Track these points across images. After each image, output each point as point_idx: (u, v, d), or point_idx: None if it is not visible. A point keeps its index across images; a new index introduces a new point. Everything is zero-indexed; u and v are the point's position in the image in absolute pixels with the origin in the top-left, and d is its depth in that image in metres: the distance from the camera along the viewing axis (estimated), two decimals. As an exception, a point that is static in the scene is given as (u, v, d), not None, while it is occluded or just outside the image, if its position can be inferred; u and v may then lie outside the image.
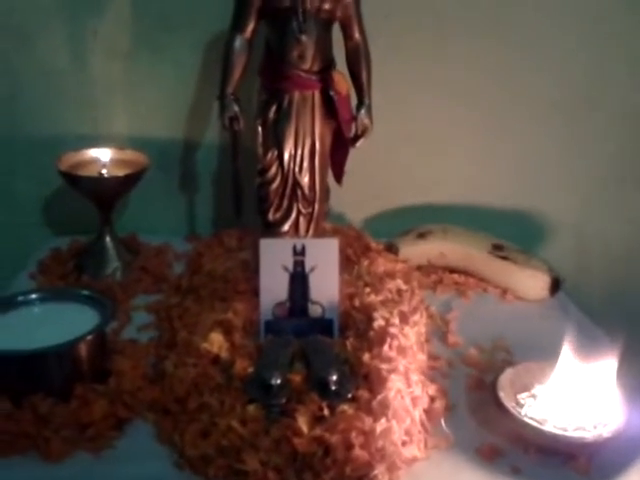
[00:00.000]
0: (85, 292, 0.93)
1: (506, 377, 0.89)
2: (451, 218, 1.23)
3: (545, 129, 1.26)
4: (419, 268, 1.19)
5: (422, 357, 0.94)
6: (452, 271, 1.19)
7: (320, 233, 1.09)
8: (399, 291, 1.07)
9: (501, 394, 0.85)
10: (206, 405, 0.83)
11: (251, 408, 0.80)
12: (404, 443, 0.80)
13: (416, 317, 0.99)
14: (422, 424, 0.84)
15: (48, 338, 0.84)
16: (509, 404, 0.84)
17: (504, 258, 1.15)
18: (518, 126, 1.26)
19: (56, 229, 1.31)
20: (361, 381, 0.86)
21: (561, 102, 1.24)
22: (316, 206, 1.06)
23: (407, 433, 0.81)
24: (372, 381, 0.85)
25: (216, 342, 0.89)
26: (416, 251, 1.20)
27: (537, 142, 1.27)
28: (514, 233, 1.21)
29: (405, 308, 1.01)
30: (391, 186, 1.29)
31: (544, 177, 1.29)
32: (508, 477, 0.79)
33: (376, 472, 0.77)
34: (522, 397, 0.87)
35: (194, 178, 1.29)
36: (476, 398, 0.91)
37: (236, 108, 1.02)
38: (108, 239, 1.16)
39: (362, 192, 1.26)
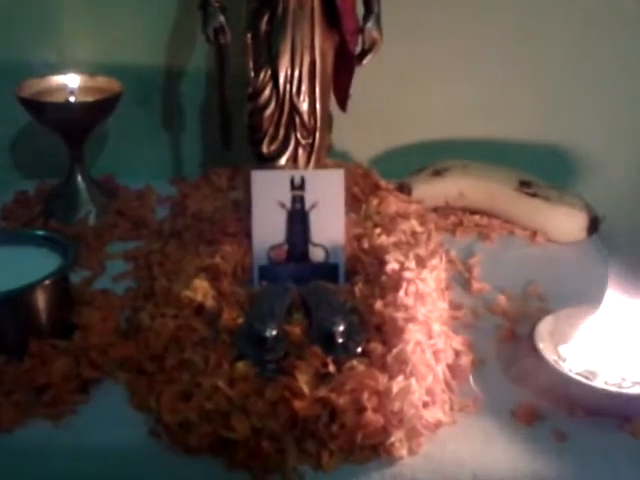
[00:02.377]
0: (42, 233, 0.79)
1: (545, 326, 0.75)
2: (471, 155, 1.08)
3: (576, 52, 1.10)
4: (435, 210, 1.05)
5: (443, 305, 0.80)
6: (473, 212, 1.05)
7: (321, 168, 0.94)
8: (414, 233, 0.93)
9: (540, 346, 0.72)
10: (187, 362, 0.69)
11: (241, 365, 0.67)
12: (425, 405, 0.67)
13: (434, 261, 0.85)
14: (446, 382, 0.71)
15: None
16: (550, 357, 0.70)
17: (533, 195, 1.01)
18: (546, 50, 1.10)
19: (22, 172, 1.16)
20: (372, 332, 0.72)
21: (597, 18, 1.08)
22: (317, 136, 0.91)
23: (429, 393, 0.68)
24: (386, 332, 0.71)
25: (200, 289, 0.76)
26: (432, 190, 1.05)
27: (567, 68, 1.11)
28: (541, 171, 1.06)
29: (422, 251, 0.86)
30: (402, 118, 1.13)
31: (575, 108, 1.13)
32: (551, 444, 0.66)
33: (393, 439, 0.63)
34: (564, 349, 0.73)
35: (178, 113, 1.14)
36: (508, 352, 0.77)
37: (222, 18, 0.87)
38: (79, 179, 1.02)
39: (368, 126, 1.12)
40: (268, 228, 0.83)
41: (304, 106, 0.89)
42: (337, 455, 0.63)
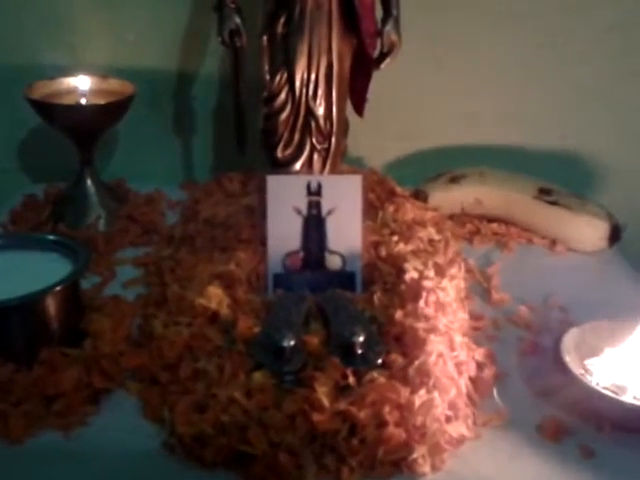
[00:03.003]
0: (53, 238, 0.77)
1: (570, 339, 0.72)
2: (488, 162, 1.06)
3: (597, 57, 1.08)
4: (452, 217, 1.02)
5: (463, 316, 0.77)
6: (490, 220, 1.03)
7: (337, 174, 0.92)
8: (431, 241, 0.90)
9: (567, 359, 0.69)
10: (202, 373, 0.67)
11: (258, 376, 0.64)
12: (448, 419, 0.65)
13: (453, 270, 0.83)
14: (469, 396, 0.68)
15: (8, 291, 0.68)
16: (577, 371, 0.68)
17: (554, 203, 0.98)
18: (566, 53, 1.08)
19: (32, 175, 1.15)
20: (392, 343, 0.70)
21: (619, 25, 1.06)
22: (333, 141, 0.89)
23: (452, 407, 0.65)
24: (406, 343, 0.69)
25: (214, 297, 0.73)
26: (448, 198, 1.03)
27: (586, 76, 1.09)
28: (560, 179, 1.04)
29: (440, 259, 0.84)
30: (419, 124, 1.11)
31: (594, 115, 1.11)
32: (578, 460, 0.64)
33: (415, 455, 0.61)
34: (590, 363, 0.71)
35: (190, 116, 1.13)
36: (532, 364, 0.75)
37: (237, 20, 0.85)
38: (89, 183, 0.99)
39: (384, 131, 1.10)
40: (283, 235, 0.81)
41: (320, 110, 0.87)
42: (357, 471, 0.61)
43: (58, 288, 0.70)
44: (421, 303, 0.73)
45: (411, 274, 0.78)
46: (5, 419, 0.64)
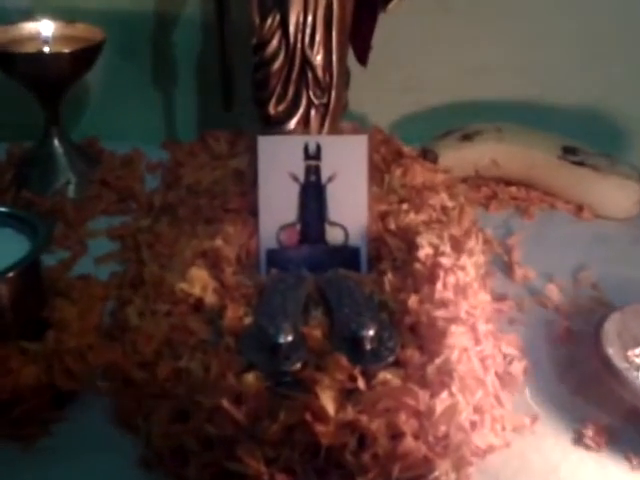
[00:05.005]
0: (6, 210, 0.66)
1: (611, 326, 0.62)
2: (505, 117, 0.94)
3: (619, 3, 0.96)
4: (464, 180, 0.91)
5: (485, 297, 0.67)
6: (508, 183, 0.92)
7: (337, 133, 0.81)
8: (444, 208, 0.80)
9: (610, 351, 0.60)
10: (183, 372, 0.57)
11: (249, 378, 0.54)
12: (474, 425, 0.55)
13: (471, 243, 0.73)
14: (496, 395, 0.59)
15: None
16: (621, 365, 0.58)
17: (580, 164, 0.88)
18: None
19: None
20: (406, 334, 0.60)
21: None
22: (332, 94, 0.78)
23: (477, 410, 0.56)
24: (424, 335, 0.59)
25: (198, 281, 0.63)
26: (461, 158, 0.92)
27: (612, 18, 0.97)
28: (585, 136, 0.93)
29: (456, 231, 0.74)
30: (428, 75, 0.99)
31: (624, 63, 0.99)
32: (625, 472, 0.54)
33: (437, 473, 0.51)
34: (635, 353, 0.61)
35: (170, 66, 1.00)
36: (565, 354, 0.65)
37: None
38: (57, 143, 0.88)
39: (389, 83, 0.99)
40: (277, 205, 0.71)
41: (318, 59, 0.76)
42: (369, 492, 0.51)
43: (11, 274, 0.59)
44: (438, 286, 0.63)
45: (425, 250, 0.67)
46: (-49, 430, 0.54)
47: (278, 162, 0.70)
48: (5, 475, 0.54)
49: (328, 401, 0.52)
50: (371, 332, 0.56)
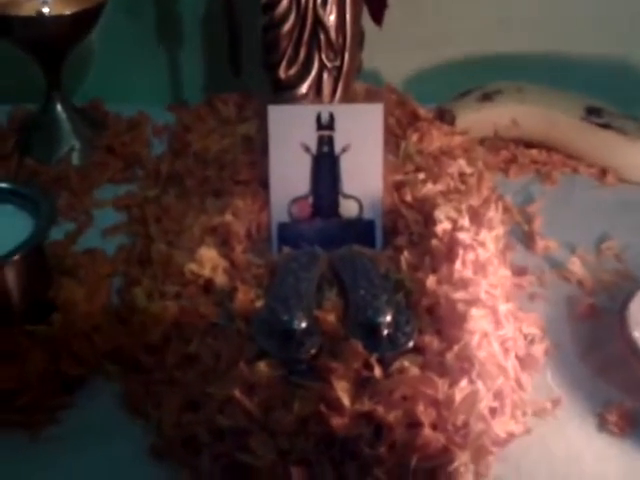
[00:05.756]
0: (7, 186, 0.64)
1: (636, 306, 0.60)
2: (526, 76, 0.90)
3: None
4: (482, 142, 0.88)
5: (505, 273, 0.65)
6: (529, 145, 0.88)
7: (351, 96, 0.77)
8: (462, 175, 0.76)
9: (636, 334, 0.57)
10: (193, 359, 0.55)
11: (262, 366, 0.52)
12: (494, 412, 0.53)
13: (490, 213, 0.70)
14: (517, 379, 0.57)
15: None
16: (648, 349, 0.56)
17: (604, 126, 0.84)
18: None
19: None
20: (424, 318, 0.58)
21: None
22: (346, 57, 0.74)
23: (498, 396, 0.54)
24: (442, 319, 0.57)
25: (208, 261, 0.61)
26: (479, 119, 0.88)
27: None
28: (610, 95, 0.88)
29: (474, 200, 0.71)
30: (444, 29, 0.94)
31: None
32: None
33: (456, 464, 0.50)
34: (663, 335, 0.59)
35: (176, 25, 0.95)
36: (588, 333, 0.63)
37: None
38: (59, 109, 0.85)
39: (403, 39, 0.93)
40: (289, 177, 0.68)
41: (330, 19, 0.72)
42: (385, 483, 0.50)
43: (16, 257, 0.57)
44: (457, 265, 0.60)
45: (443, 225, 0.64)
46: (-41, 420, 0.53)
47: (289, 132, 0.67)
48: (13, 464, 0.53)
49: (343, 392, 0.50)
50: (388, 318, 0.54)
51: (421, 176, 0.73)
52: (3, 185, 0.64)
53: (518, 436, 0.54)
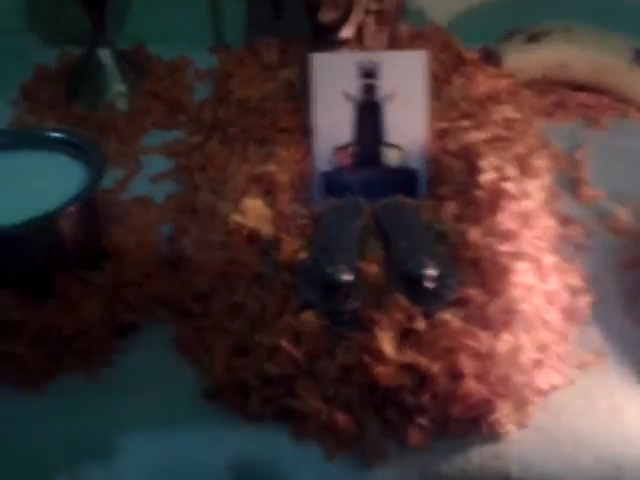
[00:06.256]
0: (60, 135, 0.65)
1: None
2: (575, 16, 0.87)
3: None
4: (530, 85, 0.86)
5: (551, 223, 0.64)
6: (577, 88, 0.86)
7: (394, 40, 0.76)
8: (508, 122, 0.75)
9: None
10: (240, 308, 0.57)
11: (307, 316, 0.54)
12: (536, 364, 0.54)
13: (537, 161, 0.69)
14: (561, 333, 0.57)
15: (11, 208, 0.58)
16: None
17: (653, 69, 0.81)
18: None
19: (42, 38, 0.99)
20: (467, 270, 0.58)
21: None
22: (388, -1, 0.72)
23: (541, 349, 0.54)
24: (486, 271, 0.57)
25: (252, 211, 0.61)
26: (526, 61, 0.86)
27: None
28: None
29: (520, 149, 0.70)
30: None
31: None
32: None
33: (497, 415, 0.51)
34: None
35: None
36: (633, 284, 0.63)
37: None
38: (105, 53, 0.86)
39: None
40: (332, 125, 0.67)
41: (373, -40, 0.70)
42: (428, 430, 0.51)
43: (71, 209, 0.58)
44: (501, 217, 0.60)
45: (488, 175, 0.64)
46: (20, 363, 0.56)
47: (332, 81, 0.66)
48: (71, 405, 0.55)
49: (386, 342, 0.52)
50: (430, 271, 0.54)
51: (466, 123, 0.72)
52: (56, 135, 0.65)
53: (560, 388, 0.54)
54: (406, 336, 0.53)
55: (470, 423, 0.52)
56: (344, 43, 0.74)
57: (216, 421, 0.53)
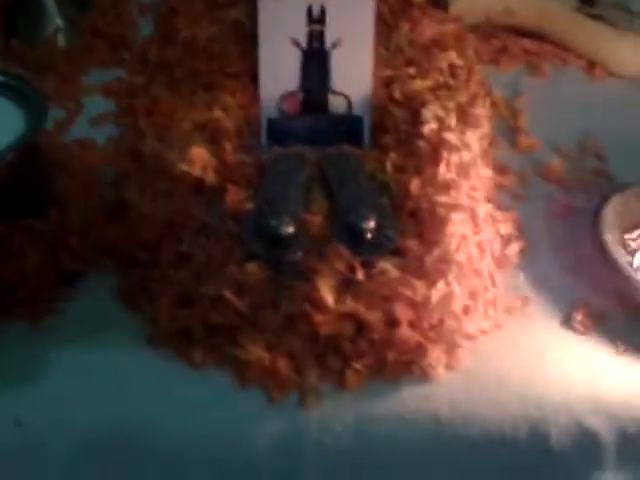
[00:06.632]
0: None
1: (610, 210, 0.63)
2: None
3: None
4: (474, 29, 0.86)
5: (487, 173, 0.67)
6: (521, 34, 0.87)
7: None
8: (452, 68, 0.76)
9: (607, 237, 0.60)
10: (186, 258, 0.58)
11: (251, 268, 0.55)
12: (466, 310, 0.57)
13: (478, 110, 0.70)
14: (491, 277, 0.60)
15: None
16: (618, 254, 0.59)
17: (595, 17, 0.83)
18: None
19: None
20: (407, 221, 0.60)
21: None
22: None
23: (471, 295, 0.58)
24: (424, 222, 0.59)
25: (198, 160, 0.61)
26: (473, 4, 0.87)
27: None
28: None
29: (463, 97, 0.71)
30: None
31: None
32: (611, 356, 0.57)
33: (429, 359, 0.54)
34: (632, 239, 0.62)
35: None
36: (563, 232, 0.66)
37: None
38: (42, -14, 0.83)
39: None
40: (279, 72, 0.68)
41: None
42: (363, 374, 0.54)
43: (10, 156, 0.58)
44: (442, 167, 0.62)
45: (430, 125, 0.65)
46: (-37, 311, 0.56)
47: (279, 26, 0.66)
48: (16, 354, 0.56)
49: (327, 292, 0.54)
50: (371, 223, 0.56)
51: (411, 71, 0.73)
52: (-4, 77, 0.64)
53: (488, 332, 0.58)
54: (347, 285, 0.55)
55: (404, 367, 0.55)
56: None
57: (160, 368, 0.55)
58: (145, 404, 0.54)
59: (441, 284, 0.55)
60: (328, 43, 0.67)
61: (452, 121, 0.66)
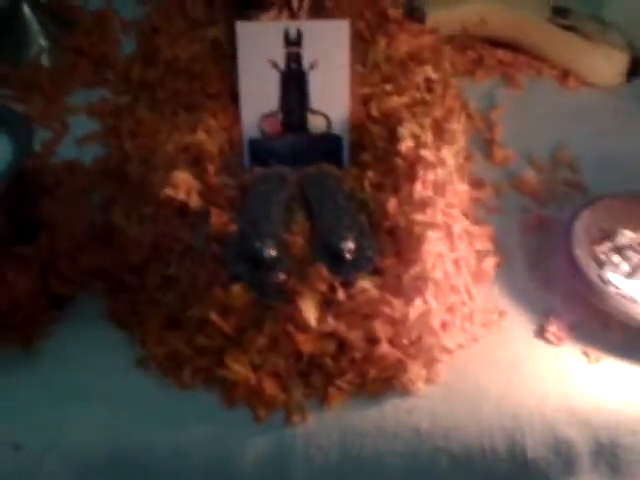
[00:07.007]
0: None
1: (580, 224, 0.65)
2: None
3: None
4: (450, 40, 0.88)
5: (463, 188, 0.69)
6: (496, 44, 0.89)
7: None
8: (428, 83, 0.78)
9: (577, 253, 0.62)
10: (172, 281, 0.60)
11: (236, 290, 0.57)
12: (444, 325, 0.59)
13: (453, 125, 0.72)
14: (468, 292, 0.62)
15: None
16: (588, 268, 0.62)
17: (569, 28, 0.85)
18: None
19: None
20: (385, 239, 0.62)
21: None
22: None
23: (448, 311, 0.60)
24: (401, 241, 0.61)
25: (182, 184, 0.63)
26: (449, 17, 0.88)
27: None
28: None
29: (438, 112, 0.73)
30: None
31: None
32: (583, 365, 0.60)
33: (409, 374, 0.56)
34: (602, 251, 0.64)
35: None
36: (537, 246, 0.68)
37: None
38: (26, 8, 0.84)
39: None
40: (258, 93, 0.69)
41: None
42: (346, 391, 0.56)
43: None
44: (417, 186, 0.64)
45: (406, 143, 0.67)
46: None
47: (257, 49, 0.68)
48: (9, 378, 0.58)
49: (309, 313, 0.56)
50: (350, 245, 0.58)
51: (388, 87, 0.75)
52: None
53: (465, 346, 0.60)
54: (328, 305, 0.57)
55: (385, 383, 0.57)
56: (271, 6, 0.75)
57: (150, 389, 0.57)
58: (136, 424, 0.56)
59: (419, 301, 0.57)
60: (306, 64, 0.69)
61: (428, 138, 0.68)
